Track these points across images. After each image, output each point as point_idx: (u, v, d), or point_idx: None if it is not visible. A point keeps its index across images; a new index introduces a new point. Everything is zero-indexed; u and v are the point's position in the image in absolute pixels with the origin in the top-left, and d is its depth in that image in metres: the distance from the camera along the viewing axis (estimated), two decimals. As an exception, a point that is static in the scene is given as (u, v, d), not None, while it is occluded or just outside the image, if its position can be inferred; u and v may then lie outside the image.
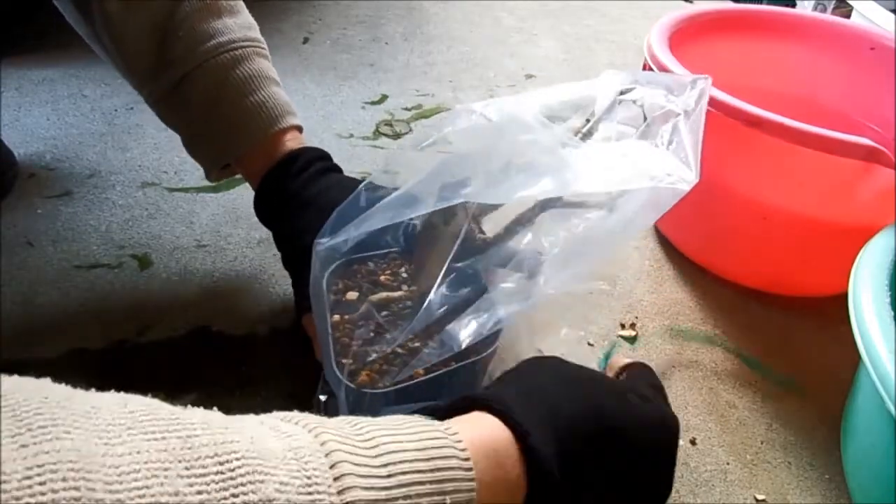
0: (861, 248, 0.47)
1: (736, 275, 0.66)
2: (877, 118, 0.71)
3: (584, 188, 0.39)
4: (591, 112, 0.45)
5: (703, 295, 0.65)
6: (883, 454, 0.41)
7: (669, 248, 0.70)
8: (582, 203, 0.40)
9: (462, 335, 0.39)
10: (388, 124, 0.86)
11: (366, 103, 0.90)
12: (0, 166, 0.69)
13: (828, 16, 0.95)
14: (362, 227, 0.42)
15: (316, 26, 1.10)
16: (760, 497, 0.47)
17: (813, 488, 0.49)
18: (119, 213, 0.67)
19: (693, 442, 0.51)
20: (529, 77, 1.02)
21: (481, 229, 0.43)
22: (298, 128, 0.53)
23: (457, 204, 0.40)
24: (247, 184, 0.55)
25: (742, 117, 0.53)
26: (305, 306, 0.45)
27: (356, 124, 0.85)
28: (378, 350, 0.41)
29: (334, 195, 0.47)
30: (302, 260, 0.45)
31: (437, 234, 0.44)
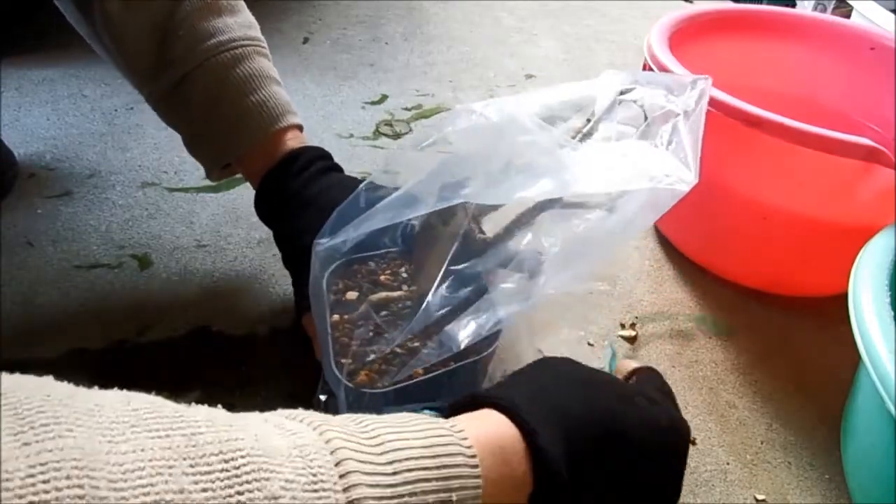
0: (861, 248, 0.47)
1: (736, 275, 0.66)
2: (877, 118, 0.71)
3: (584, 189, 0.39)
4: (592, 112, 0.45)
5: (703, 295, 0.65)
6: (883, 454, 0.41)
7: (669, 248, 0.70)
8: (581, 204, 0.40)
9: (461, 335, 0.39)
10: (388, 124, 0.86)
11: (366, 103, 0.90)
12: (0, 166, 0.69)
13: (828, 16, 0.95)
14: (362, 228, 0.42)
15: (316, 26, 1.10)
16: (760, 497, 0.47)
17: (813, 488, 0.49)
18: (119, 213, 0.67)
19: (693, 442, 0.51)
20: (529, 77, 1.02)
21: (481, 229, 0.43)
22: (299, 127, 0.53)
23: (456, 204, 0.40)
24: (247, 184, 0.55)
25: (742, 117, 0.53)
26: (305, 306, 0.45)
27: (356, 124, 0.85)
28: (377, 350, 0.41)
29: (335, 195, 0.47)
30: (302, 259, 0.45)
31: (437, 235, 0.44)
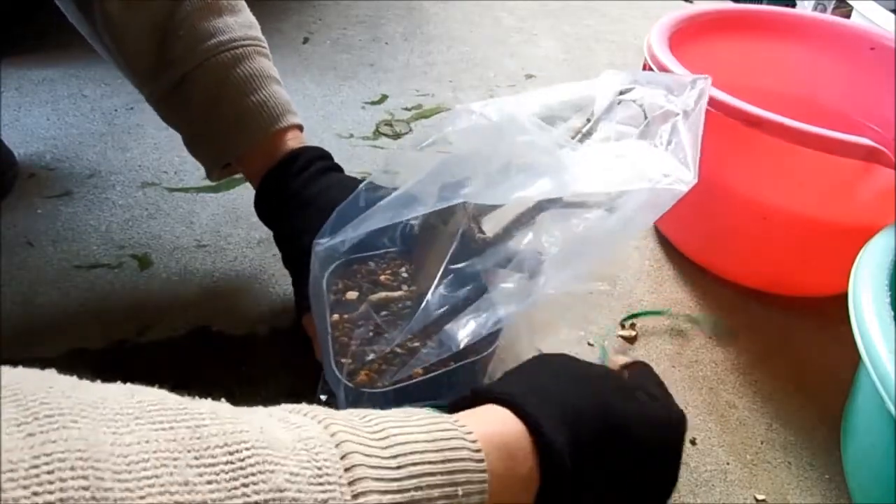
0: (861, 248, 0.47)
1: (736, 275, 0.65)
2: (877, 118, 0.71)
3: (583, 189, 0.39)
4: (591, 112, 0.45)
5: (703, 295, 0.65)
6: (883, 454, 0.41)
7: (669, 248, 0.70)
8: (581, 203, 0.40)
9: (461, 335, 0.39)
10: (388, 124, 0.86)
11: (366, 103, 0.90)
12: (0, 166, 0.69)
13: (828, 16, 0.95)
14: (362, 228, 0.42)
15: (316, 26, 1.10)
16: (760, 497, 0.47)
17: (813, 488, 0.49)
18: (119, 213, 0.67)
19: (693, 442, 0.51)
20: (529, 77, 1.02)
21: (481, 229, 0.43)
22: (299, 127, 0.53)
23: (456, 204, 0.40)
24: (247, 184, 0.55)
25: (742, 117, 0.53)
26: (305, 306, 0.45)
27: (356, 124, 0.85)
28: (377, 350, 0.41)
29: (335, 195, 0.47)
30: (302, 259, 0.45)
31: (437, 234, 0.44)
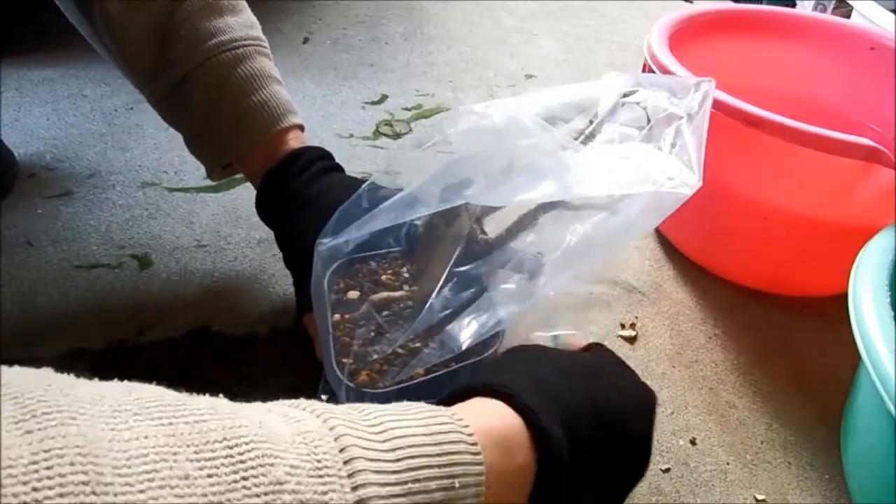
0: (861, 248, 0.47)
1: (736, 275, 0.66)
2: (877, 118, 0.71)
3: (586, 191, 0.39)
4: (594, 114, 0.45)
5: (703, 295, 0.65)
6: (883, 454, 0.41)
7: (669, 248, 0.70)
8: (584, 206, 0.40)
9: (462, 336, 0.39)
10: (388, 124, 0.86)
11: (366, 103, 0.90)
12: (0, 166, 0.69)
13: (828, 16, 0.95)
14: (364, 228, 0.41)
15: (316, 26, 1.10)
16: (760, 497, 0.47)
17: (813, 488, 0.49)
18: (119, 213, 0.67)
19: (693, 442, 0.51)
20: (529, 77, 1.02)
21: (483, 230, 0.43)
22: (300, 127, 0.53)
23: (459, 205, 0.40)
24: (247, 184, 0.55)
25: (742, 117, 0.53)
26: (307, 305, 0.45)
27: (356, 124, 0.85)
28: (378, 350, 0.41)
29: (336, 195, 0.47)
30: (303, 259, 0.45)
31: (440, 236, 0.44)
